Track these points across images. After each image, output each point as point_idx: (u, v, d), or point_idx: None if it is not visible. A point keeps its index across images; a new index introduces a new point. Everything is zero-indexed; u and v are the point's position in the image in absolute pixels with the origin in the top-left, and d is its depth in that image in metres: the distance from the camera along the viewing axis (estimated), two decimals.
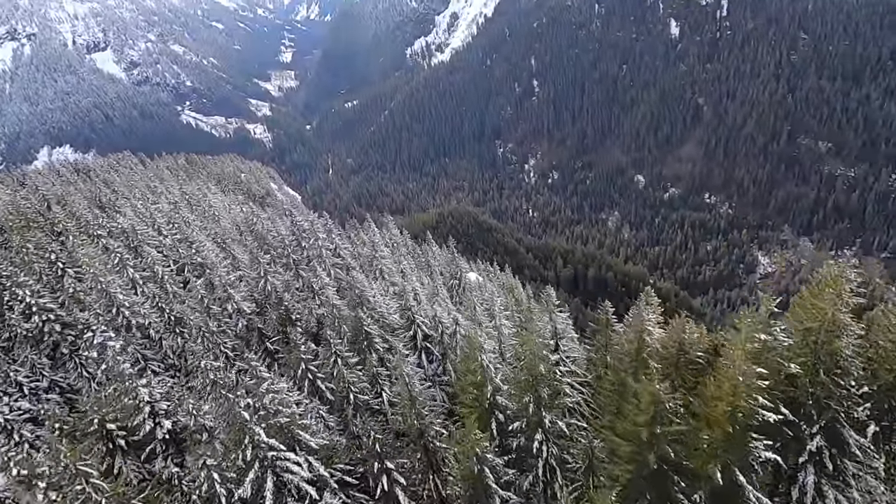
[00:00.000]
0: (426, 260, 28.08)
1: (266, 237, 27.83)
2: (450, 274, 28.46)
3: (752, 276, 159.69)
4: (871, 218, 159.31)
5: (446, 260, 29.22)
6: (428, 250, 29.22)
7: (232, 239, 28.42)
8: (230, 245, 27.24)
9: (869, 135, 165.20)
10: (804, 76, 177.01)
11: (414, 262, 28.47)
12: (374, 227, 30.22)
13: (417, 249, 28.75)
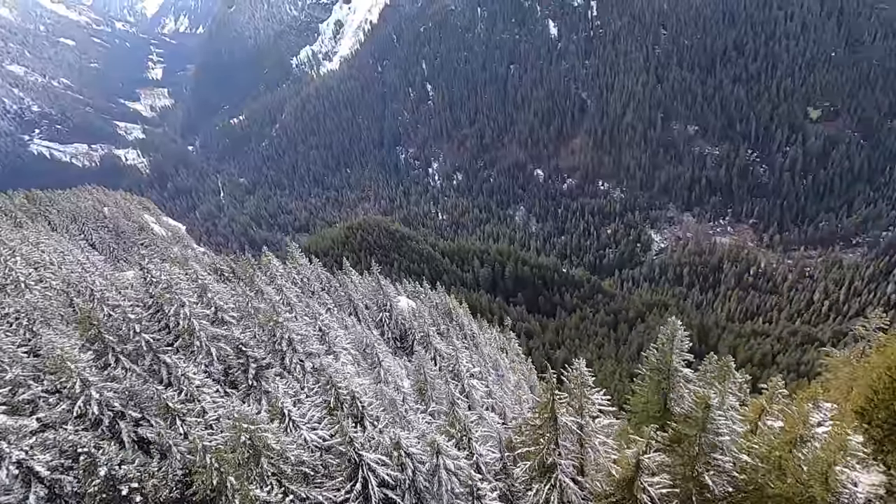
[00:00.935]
0: (346, 294, 23.25)
1: (103, 307, 15.71)
2: (377, 305, 24.16)
3: (649, 254, 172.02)
4: (736, 189, 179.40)
5: (371, 289, 24.84)
6: (347, 281, 24.06)
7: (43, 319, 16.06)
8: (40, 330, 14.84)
9: (726, 117, 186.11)
10: (668, 67, 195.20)
11: (332, 300, 23.63)
12: (275, 263, 24.19)
13: (333, 281, 23.79)
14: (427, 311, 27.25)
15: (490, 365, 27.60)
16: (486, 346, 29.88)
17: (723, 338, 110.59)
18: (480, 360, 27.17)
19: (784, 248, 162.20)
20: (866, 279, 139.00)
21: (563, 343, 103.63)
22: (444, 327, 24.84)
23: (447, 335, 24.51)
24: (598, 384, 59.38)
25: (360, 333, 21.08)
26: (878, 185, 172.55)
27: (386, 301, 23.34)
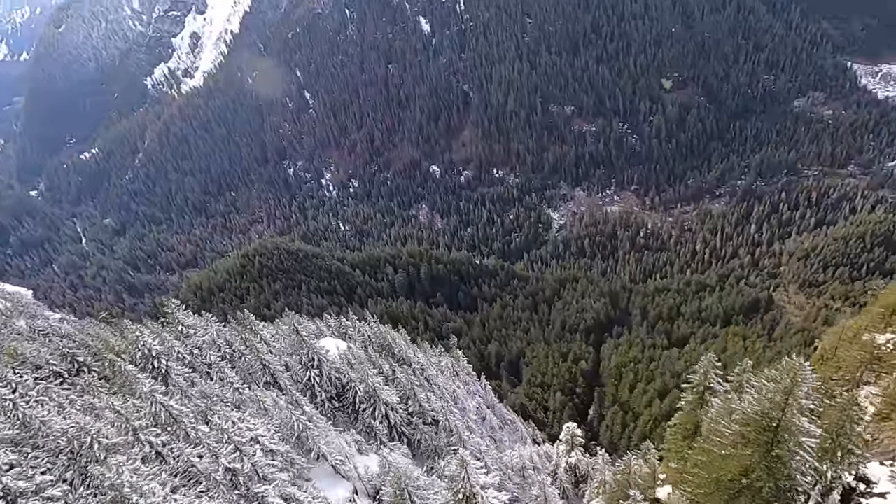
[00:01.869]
0: (258, 359, 17.82)
1: None
2: (301, 362, 19.23)
3: (551, 232, 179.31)
4: (616, 161, 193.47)
5: (290, 343, 19.82)
6: (255, 342, 18.11)
7: None
8: None
9: (596, 95, 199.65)
10: (539, 53, 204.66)
11: (239, 373, 17.98)
12: (147, 342, 16.17)
13: (240, 346, 18.35)
14: (363, 351, 23.02)
15: (452, 404, 24.26)
16: (440, 378, 26.41)
17: (632, 300, 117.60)
18: (441, 398, 23.66)
19: (664, 208, 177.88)
20: (733, 224, 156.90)
21: (491, 336, 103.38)
22: (389, 367, 20.92)
23: (394, 378, 20.60)
24: (536, 371, 58.45)
25: (287, 414, 16.18)
26: (727, 141, 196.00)
27: (312, 355, 18.73)
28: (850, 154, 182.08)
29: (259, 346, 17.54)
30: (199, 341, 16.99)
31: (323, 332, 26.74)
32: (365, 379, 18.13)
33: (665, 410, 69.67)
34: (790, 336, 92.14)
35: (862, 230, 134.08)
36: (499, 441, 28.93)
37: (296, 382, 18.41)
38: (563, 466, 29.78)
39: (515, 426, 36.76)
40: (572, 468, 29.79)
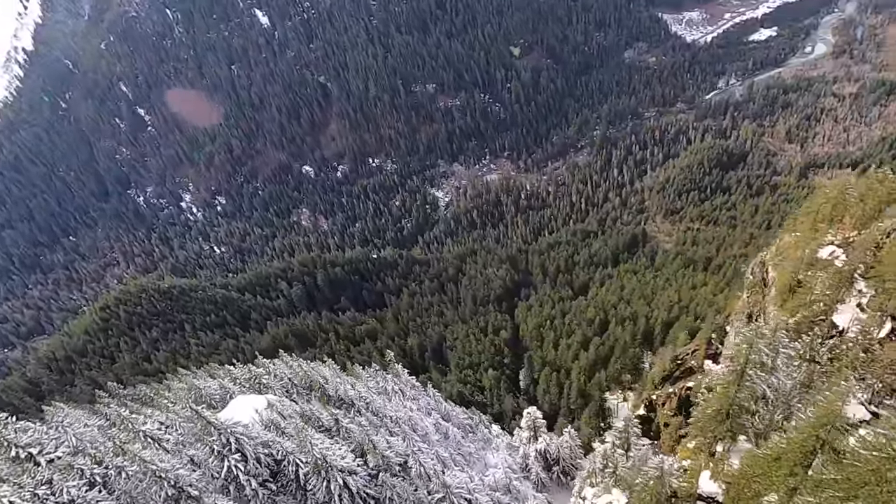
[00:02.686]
0: (149, 473, 12.57)
1: None
2: (214, 451, 14.06)
3: (439, 211, 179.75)
4: (485, 131, 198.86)
5: (192, 430, 14.45)
6: (142, 457, 12.58)
7: None
8: None
9: (454, 69, 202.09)
10: (390, 35, 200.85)
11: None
12: None
13: (118, 459, 12.87)
14: (291, 403, 18.37)
15: (414, 436, 20.76)
16: (390, 407, 22.60)
17: (529, 260, 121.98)
18: (401, 432, 20.04)
19: (538, 168, 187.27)
20: (599, 171, 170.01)
21: (408, 329, 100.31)
22: (329, 417, 16.72)
23: (339, 429, 16.49)
24: (462, 353, 56.59)
25: None
26: (578, 97, 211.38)
27: (226, 438, 13.83)
28: (675, 93, 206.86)
29: (145, 454, 12.31)
30: (47, 473, 11.32)
31: (229, 389, 21.26)
32: (306, 447, 14.01)
33: (592, 359, 73.07)
34: (670, 262, 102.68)
35: (700, 157, 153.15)
36: (468, 456, 26.41)
37: (210, 475, 13.55)
38: (532, 455, 28.34)
39: (474, 426, 34.54)
40: (542, 454, 28.49)
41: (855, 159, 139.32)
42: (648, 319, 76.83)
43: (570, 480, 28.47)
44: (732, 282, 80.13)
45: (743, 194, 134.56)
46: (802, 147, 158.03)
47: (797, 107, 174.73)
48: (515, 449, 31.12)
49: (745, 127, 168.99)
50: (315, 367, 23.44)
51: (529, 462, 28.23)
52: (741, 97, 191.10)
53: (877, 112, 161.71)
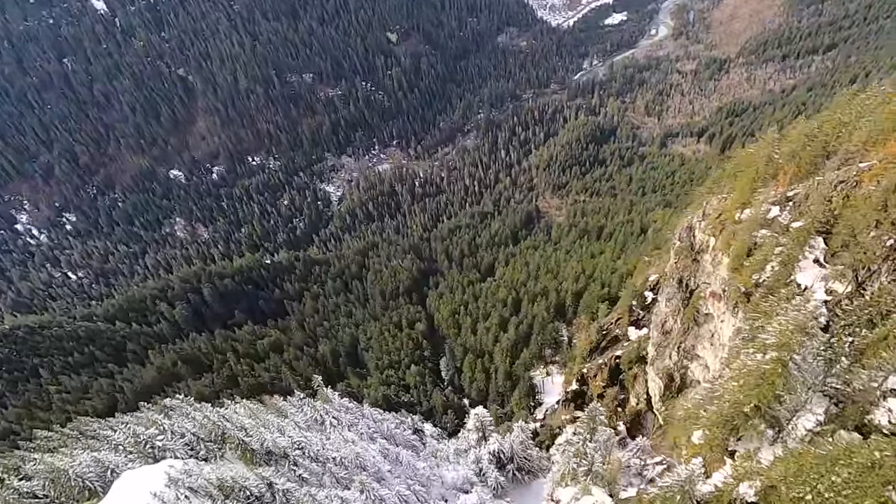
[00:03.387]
0: None
1: None
2: None
3: (333, 207, 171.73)
4: (371, 120, 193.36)
5: None
6: None
7: None
8: None
9: (331, 57, 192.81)
10: (256, 22, 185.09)
11: None
12: None
13: None
14: (200, 475, 13.80)
15: (365, 476, 17.15)
16: (332, 447, 18.82)
17: (433, 247, 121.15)
18: (348, 478, 16.48)
19: (428, 154, 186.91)
20: (487, 153, 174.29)
21: (316, 335, 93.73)
22: (257, 483, 12.79)
23: (274, 494, 12.72)
24: (379, 353, 53.56)
25: None
26: (459, 82, 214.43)
27: None
28: (548, 75, 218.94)
29: None
30: None
31: (110, 464, 15.80)
32: None
33: (513, 340, 73.68)
34: (566, 234, 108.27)
35: (576, 134, 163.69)
36: (425, 481, 23.66)
37: None
38: (486, 458, 26.60)
39: (419, 439, 31.85)
40: (495, 455, 26.89)
41: (701, 128, 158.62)
42: (559, 293, 79.82)
43: (524, 476, 27.43)
44: (626, 248, 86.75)
45: (617, 165, 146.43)
46: (659, 119, 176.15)
47: (650, 84, 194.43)
48: (464, 453, 29.28)
49: (611, 104, 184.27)
50: (228, 416, 18.84)
51: (483, 466, 26.60)
52: (604, 76, 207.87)
53: (713, 86, 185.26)
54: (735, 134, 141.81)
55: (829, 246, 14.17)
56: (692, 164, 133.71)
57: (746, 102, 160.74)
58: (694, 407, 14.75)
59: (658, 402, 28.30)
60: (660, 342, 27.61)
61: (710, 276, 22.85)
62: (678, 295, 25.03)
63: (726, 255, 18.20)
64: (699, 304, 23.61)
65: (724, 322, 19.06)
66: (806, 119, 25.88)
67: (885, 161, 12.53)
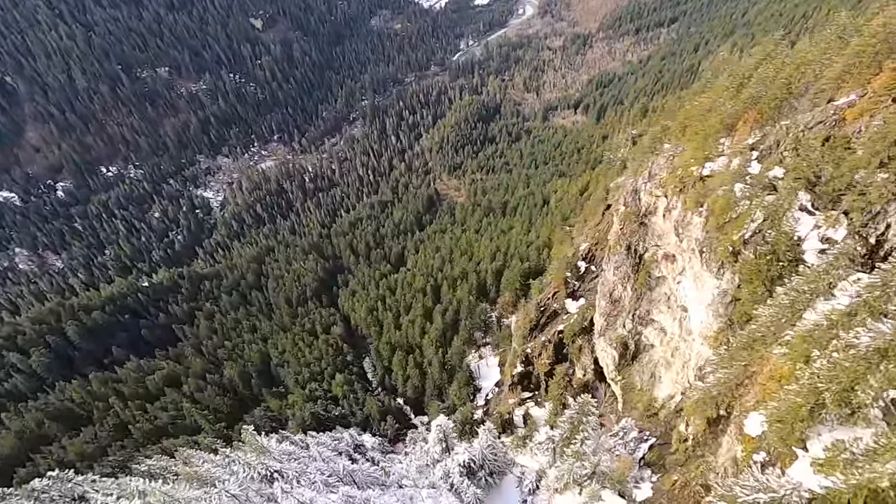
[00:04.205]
0: None
1: None
2: None
3: (215, 213, 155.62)
4: (245, 115, 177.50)
5: None
6: None
7: None
8: None
9: (189, 48, 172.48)
10: (88, 10, 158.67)
11: None
12: None
13: None
14: None
15: None
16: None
17: (335, 243, 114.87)
18: None
19: (315, 147, 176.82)
20: (378, 140, 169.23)
21: (219, 359, 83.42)
22: None
23: None
24: (297, 367, 48.26)
25: None
26: (338, 69, 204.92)
27: None
28: (427, 57, 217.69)
29: None
30: None
31: None
32: None
33: (441, 328, 70.92)
34: (471, 214, 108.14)
35: (463, 114, 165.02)
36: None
37: None
38: (456, 472, 23.89)
39: (383, 468, 28.17)
40: (466, 466, 24.32)
41: (576, 100, 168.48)
42: (479, 274, 78.87)
43: (495, 478, 25.41)
44: (534, 220, 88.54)
45: (506, 141, 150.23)
46: (538, 94, 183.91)
47: (525, 61, 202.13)
48: (428, 469, 26.41)
49: (491, 82, 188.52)
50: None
51: (454, 480, 23.99)
52: (481, 56, 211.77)
53: (580, 60, 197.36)
54: (606, 103, 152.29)
55: (815, 193, 13.47)
56: (574, 134, 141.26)
57: (612, 74, 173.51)
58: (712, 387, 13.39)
59: (612, 371, 27.82)
60: (609, 312, 26.98)
61: (661, 238, 22.14)
62: (627, 262, 24.35)
63: (697, 215, 17.29)
64: (651, 268, 22.92)
65: (694, 282, 18.33)
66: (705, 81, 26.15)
67: (872, 96, 11.88)
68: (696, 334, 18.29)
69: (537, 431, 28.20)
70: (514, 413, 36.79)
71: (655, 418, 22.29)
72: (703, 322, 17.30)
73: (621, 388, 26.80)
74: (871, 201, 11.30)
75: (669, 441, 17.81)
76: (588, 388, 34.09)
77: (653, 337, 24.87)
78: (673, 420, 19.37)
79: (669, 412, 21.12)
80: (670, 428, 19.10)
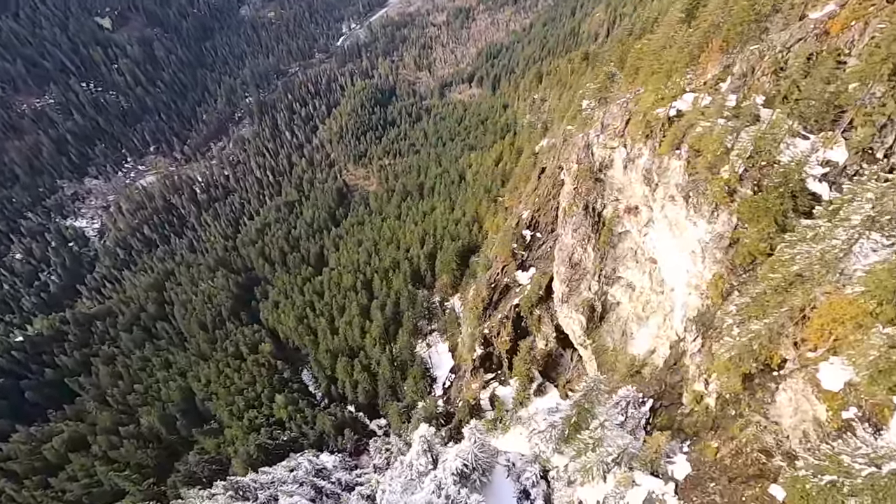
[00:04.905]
0: None
1: None
2: None
3: (92, 243, 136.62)
4: (110, 127, 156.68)
5: None
6: None
7: None
8: None
9: (21, 57, 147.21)
10: None
11: None
12: None
13: None
14: None
15: None
16: None
17: (244, 254, 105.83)
18: None
19: (201, 154, 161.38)
20: (271, 137, 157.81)
21: (131, 407, 72.90)
22: None
23: None
24: (226, 398, 42.99)
25: None
26: (210, 66, 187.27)
27: None
28: (309, 44, 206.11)
29: None
30: None
31: None
32: None
33: (382, 325, 66.53)
34: (386, 201, 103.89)
35: (359, 100, 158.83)
36: None
37: None
38: (450, 482, 21.45)
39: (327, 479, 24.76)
40: (459, 473, 21.99)
41: (469, 74, 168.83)
42: (410, 261, 75.52)
43: (488, 476, 23.54)
44: (455, 197, 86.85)
45: (408, 122, 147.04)
46: (430, 72, 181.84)
47: (412, 39, 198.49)
48: (414, 484, 23.84)
49: (382, 64, 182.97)
50: None
51: (449, 491, 21.61)
52: (366, 38, 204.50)
53: (466, 34, 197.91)
54: (499, 74, 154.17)
55: (805, 116, 12.63)
56: (474, 107, 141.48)
57: (499, 44, 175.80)
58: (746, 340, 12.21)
59: (581, 336, 26.97)
60: (570, 277, 25.90)
61: (620, 191, 21.06)
62: (586, 222, 23.17)
63: (675, 158, 16.12)
64: (613, 224, 21.88)
65: (671, 230, 17.36)
66: None
67: (860, 1, 11.03)
68: (682, 284, 17.49)
69: (533, 419, 26.79)
70: (479, 398, 35.29)
71: (640, 376, 21.66)
72: (691, 271, 16.43)
73: (592, 351, 26.05)
74: (883, 113, 10.56)
75: (674, 401, 17.04)
76: (551, 357, 33.27)
77: (619, 294, 24.18)
78: (666, 376, 18.68)
79: (656, 368, 20.50)
80: (669, 386, 18.35)
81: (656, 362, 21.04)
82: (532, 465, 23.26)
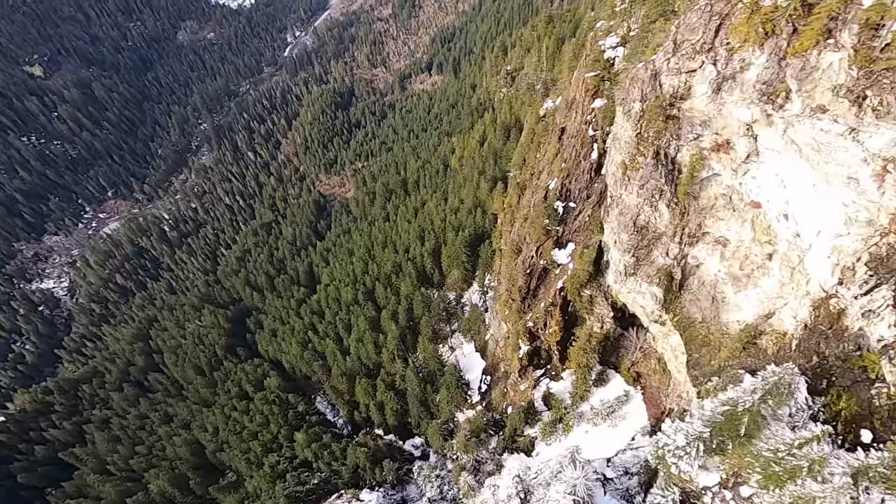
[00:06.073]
0: None
1: None
2: None
3: (63, 304, 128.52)
4: (60, 178, 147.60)
5: None
6: None
7: None
8: None
9: None
10: None
11: None
12: None
13: None
14: None
15: None
16: None
17: (228, 286, 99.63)
18: None
19: (163, 190, 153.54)
20: (234, 161, 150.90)
21: (135, 472, 66.78)
22: None
23: None
24: (245, 439, 37.60)
25: None
26: (156, 98, 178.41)
27: None
28: (256, 60, 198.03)
29: None
30: None
31: None
32: None
33: (398, 335, 60.51)
34: (370, 204, 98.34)
35: (318, 107, 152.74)
36: None
37: None
38: None
39: None
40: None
41: (427, 62, 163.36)
42: (413, 261, 70.18)
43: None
44: (444, 186, 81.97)
45: (373, 122, 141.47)
46: (387, 68, 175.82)
47: (361, 37, 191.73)
48: None
49: (335, 68, 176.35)
50: None
51: None
52: (314, 44, 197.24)
53: (415, 23, 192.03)
54: (458, 57, 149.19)
55: None
56: (439, 94, 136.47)
57: (451, 27, 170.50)
58: None
59: (657, 311, 22.69)
60: (636, 244, 21.62)
61: (705, 125, 16.64)
62: (657, 173, 18.89)
63: (831, 50, 11.82)
64: (698, 168, 17.52)
65: (807, 161, 13.12)
66: None
67: None
68: (827, 225, 13.40)
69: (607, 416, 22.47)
70: (533, 398, 31.05)
71: (755, 348, 17.60)
72: (852, 205, 12.32)
73: (675, 325, 21.82)
74: None
75: (857, 378, 12.95)
76: (609, 339, 28.91)
77: (704, 254, 19.94)
78: (821, 345, 14.55)
79: (780, 335, 16.46)
80: (834, 358, 14.26)
81: (783, 329, 16.97)
82: (631, 479, 19.08)
